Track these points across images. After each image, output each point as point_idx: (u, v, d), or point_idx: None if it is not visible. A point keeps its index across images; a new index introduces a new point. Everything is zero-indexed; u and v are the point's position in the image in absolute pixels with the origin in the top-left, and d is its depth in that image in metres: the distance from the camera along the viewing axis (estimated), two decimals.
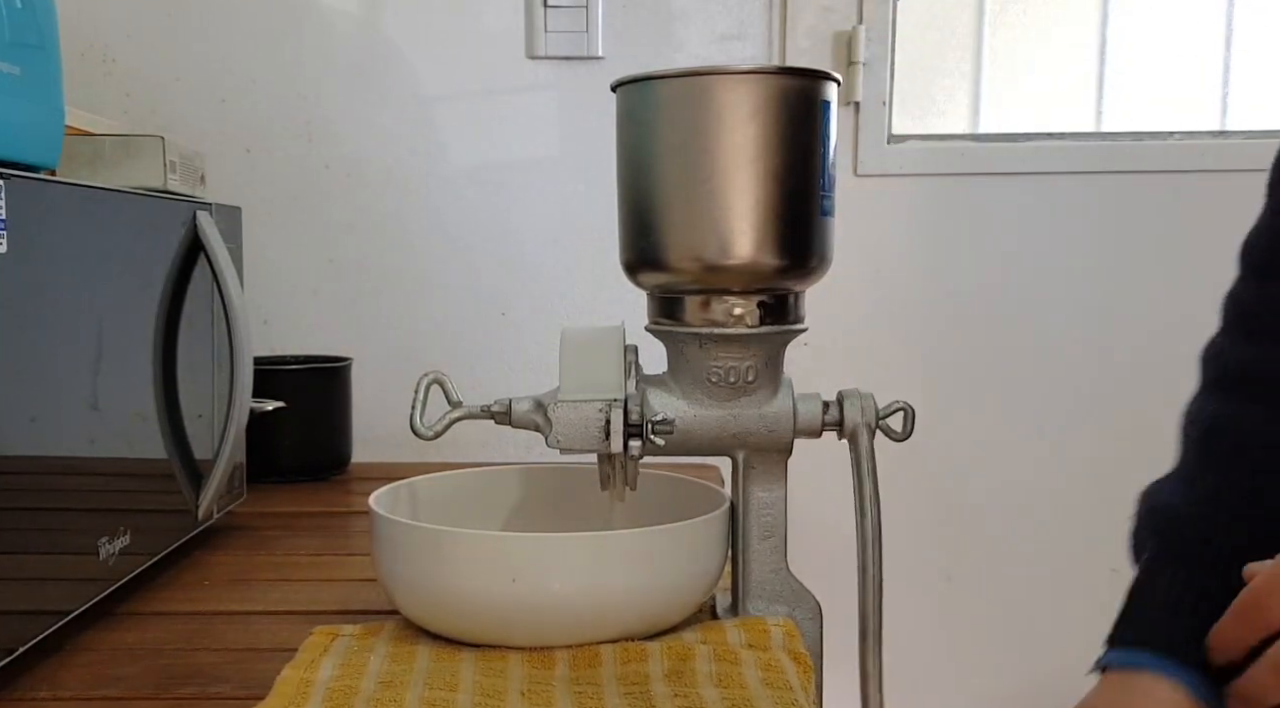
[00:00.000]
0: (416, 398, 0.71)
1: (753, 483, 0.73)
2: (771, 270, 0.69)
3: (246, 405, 0.93)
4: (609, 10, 1.35)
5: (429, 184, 1.38)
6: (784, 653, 0.68)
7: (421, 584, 0.69)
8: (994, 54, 1.43)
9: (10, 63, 0.69)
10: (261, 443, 1.13)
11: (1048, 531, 1.42)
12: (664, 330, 0.72)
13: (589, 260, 1.38)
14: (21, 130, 0.71)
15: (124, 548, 0.78)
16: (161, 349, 0.85)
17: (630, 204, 0.71)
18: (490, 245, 1.39)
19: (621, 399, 0.69)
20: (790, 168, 0.68)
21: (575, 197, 1.38)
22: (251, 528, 1.04)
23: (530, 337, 1.39)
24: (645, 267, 0.71)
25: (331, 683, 0.63)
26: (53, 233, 0.69)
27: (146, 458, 0.84)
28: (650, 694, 0.61)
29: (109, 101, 1.33)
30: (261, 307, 1.35)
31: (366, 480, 0.91)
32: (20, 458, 0.66)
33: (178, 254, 0.88)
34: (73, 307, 0.72)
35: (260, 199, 1.34)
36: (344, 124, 1.37)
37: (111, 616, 0.79)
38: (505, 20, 1.36)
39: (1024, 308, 1.40)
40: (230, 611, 0.81)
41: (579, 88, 1.37)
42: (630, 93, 0.70)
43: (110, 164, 0.92)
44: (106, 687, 0.67)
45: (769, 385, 0.72)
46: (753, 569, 0.74)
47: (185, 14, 1.35)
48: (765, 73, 0.68)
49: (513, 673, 0.65)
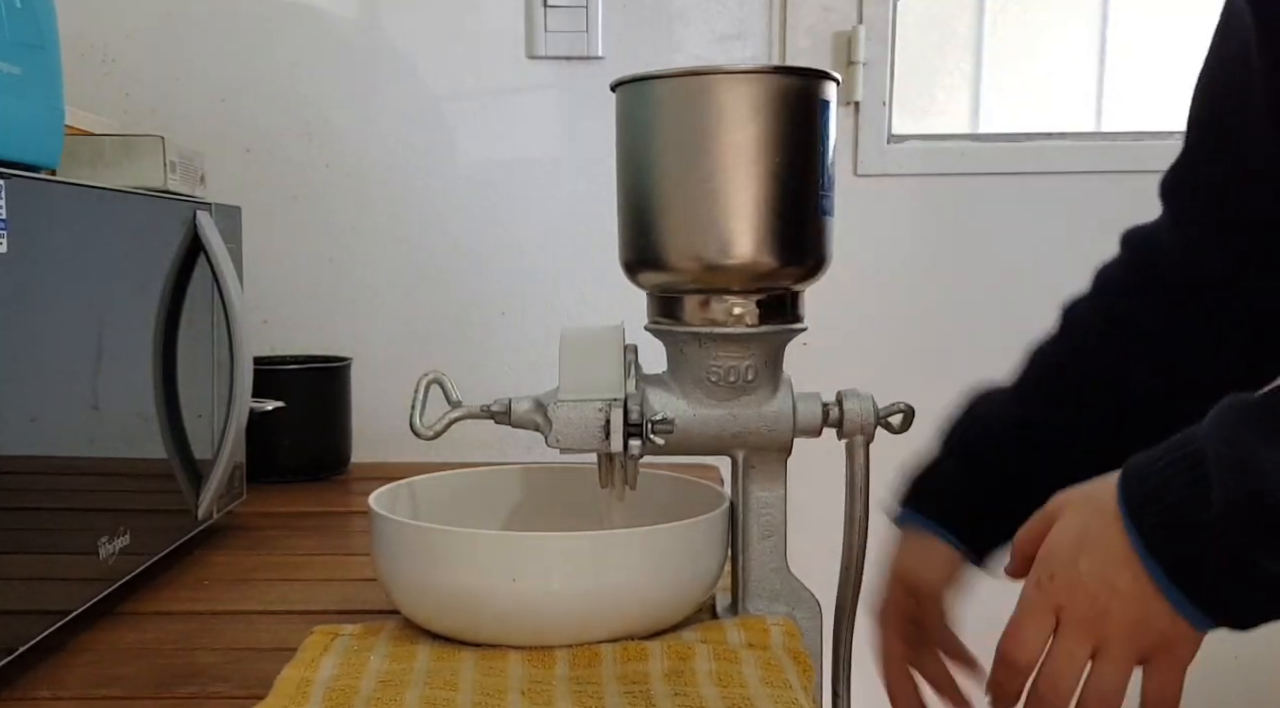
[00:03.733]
0: (416, 398, 0.71)
1: (753, 483, 0.73)
2: (771, 270, 0.69)
3: (246, 405, 0.93)
4: (609, 10, 1.35)
5: (429, 184, 1.38)
6: (784, 652, 0.68)
7: (421, 584, 0.69)
8: (994, 54, 1.43)
9: (10, 63, 0.69)
10: (261, 443, 1.13)
11: None
12: (664, 330, 0.72)
13: (589, 260, 1.38)
14: (21, 130, 0.71)
15: (124, 548, 0.78)
16: (161, 349, 0.85)
17: (630, 204, 0.71)
18: (490, 245, 1.39)
19: (621, 399, 0.69)
20: (790, 167, 0.68)
21: (575, 197, 1.38)
22: (251, 528, 1.04)
23: (530, 337, 1.39)
24: (645, 266, 0.71)
25: (331, 683, 0.63)
26: (53, 233, 0.69)
27: (146, 458, 0.84)
28: (650, 694, 0.61)
29: (109, 101, 1.33)
30: (261, 307, 1.35)
31: (366, 480, 0.91)
32: (20, 458, 0.66)
33: (178, 254, 0.88)
34: (73, 307, 0.72)
35: (260, 199, 1.33)
36: (344, 124, 1.37)
37: (111, 615, 0.79)
38: (505, 20, 1.36)
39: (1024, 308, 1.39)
40: (230, 610, 0.81)
41: (579, 88, 1.37)
42: (630, 93, 0.70)
43: (110, 164, 0.92)
44: (106, 687, 0.67)
45: (769, 385, 0.72)
46: (753, 569, 0.74)
47: (185, 14, 1.35)
48: (765, 72, 0.68)
49: (513, 672, 0.65)
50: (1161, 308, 0.77)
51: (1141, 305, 0.78)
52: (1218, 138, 0.73)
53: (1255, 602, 0.60)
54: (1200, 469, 0.58)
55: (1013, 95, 1.43)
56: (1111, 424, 0.77)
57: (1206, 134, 0.74)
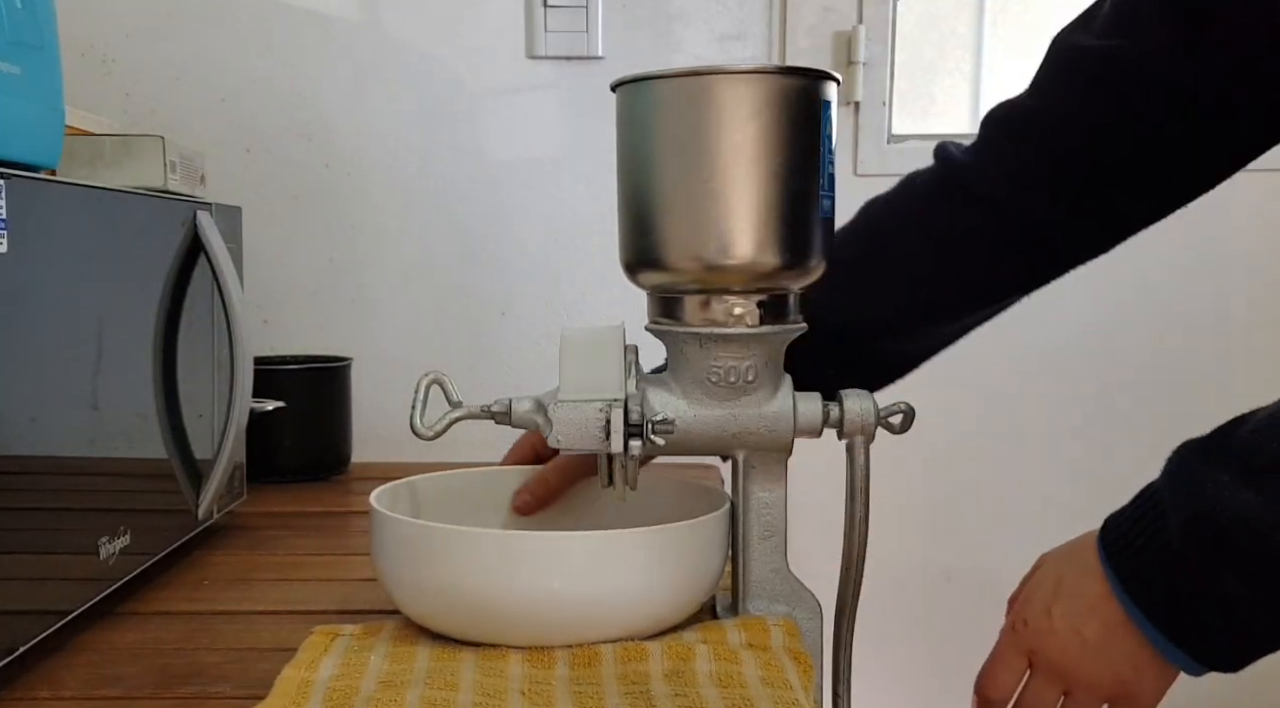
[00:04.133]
0: (416, 398, 0.71)
1: (753, 483, 0.73)
2: (771, 270, 0.69)
3: (246, 405, 0.93)
4: (609, 10, 1.35)
5: (429, 184, 1.38)
6: (784, 653, 0.68)
7: (421, 583, 0.69)
8: (994, 54, 1.43)
9: (10, 63, 0.69)
10: (261, 443, 1.13)
11: (1048, 531, 1.41)
12: (664, 330, 0.72)
13: (589, 260, 1.38)
14: (21, 130, 0.71)
15: (124, 548, 0.78)
16: (161, 349, 0.85)
17: (630, 204, 0.71)
18: (490, 245, 1.39)
19: (621, 399, 0.68)
20: (790, 168, 0.68)
21: (575, 196, 1.38)
22: (251, 528, 1.04)
23: (530, 337, 1.39)
24: (645, 266, 0.71)
25: (332, 683, 0.63)
26: (53, 233, 0.69)
27: (146, 458, 0.84)
28: (650, 694, 0.61)
29: (109, 101, 1.33)
30: (261, 307, 1.35)
31: (366, 480, 0.91)
32: (20, 458, 0.66)
33: (178, 254, 0.88)
34: (73, 307, 0.72)
35: (260, 199, 1.34)
36: (344, 124, 1.37)
37: (111, 615, 0.79)
38: (505, 20, 1.36)
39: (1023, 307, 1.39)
40: (230, 610, 0.81)
41: (579, 88, 1.37)
42: (630, 93, 0.70)
43: (110, 164, 0.92)
44: (106, 687, 0.67)
45: (769, 385, 0.72)
46: (753, 569, 0.74)
47: (185, 14, 1.35)
48: (765, 72, 0.68)
49: (512, 673, 0.65)
50: (961, 217, 0.81)
51: (943, 211, 0.82)
52: (1063, 88, 0.79)
53: (1235, 634, 0.63)
54: (1159, 509, 0.63)
55: (1013, 95, 1.43)
56: None
57: (1051, 81, 0.80)
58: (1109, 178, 0.78)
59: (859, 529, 0.73)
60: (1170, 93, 0.73)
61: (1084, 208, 0.79)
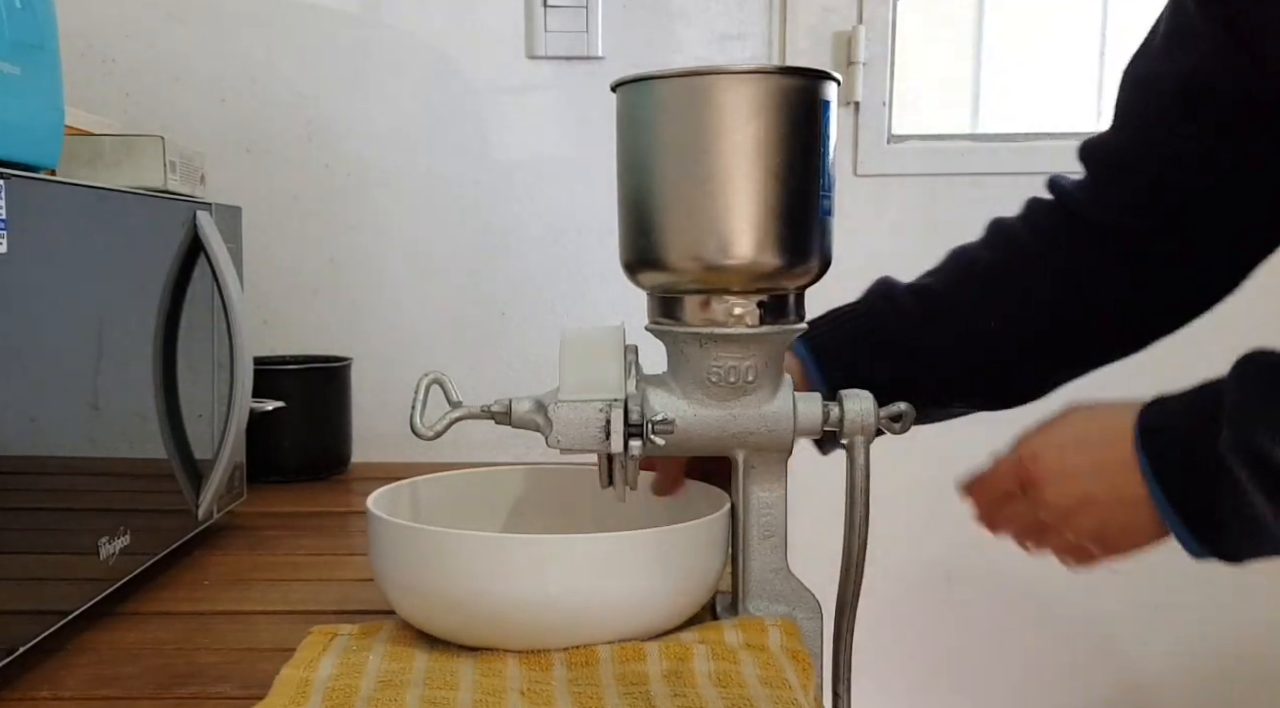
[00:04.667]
0: (416, 398, 0.71)
1: (753, 483, 0.73)
2: (771, 270, 0.69)
3: (246, 405, 0.93)
4: (609, 10, 1.35)
5: (429, 184, 1.38)
6: (783, 652, 0.67)
7: (418, 587, 0.69)
8: (994, 54, 1.43)
9: (10, 63, 0.69)
10: (261, 443, 1.13)
11: None
12: (664, 330, 0.72)
13: (589, 260, 1.38)
14: (21, 130, 0.71)
15: (124, 548, 0.78)
16: (161, 349, 0.85)
17: (630, 204, 0.71)
18: (490, 245, 1.38)
19: (621, 399, 0.68)
20: (790, 168, 0.68)
21: (575, 196, 1.38)
22: (251, 528, 1.04)
23: (530, 337, 1.39)
24: (645, 266, 0.71)
25: (331, 683, 0.63)
26: (53, 233, 0.69)
27: (146, 458, 0.84)
28: (649, 694, 0.61)
29: (109, 101, 1.33)
30: (261, 307, 1.35)
31: (366, 480, 0.91)
32: (20, 458, 0.66)
33: (178, 254, 0.88)
34: (73, 307, 0.72)
35: (260, 199, 1.33)
36: (344, 124, 1.37)
37: (111, 616, 0.79)
38: (505, 20, 1.36)
39: None
40: (230, 610, 0.81)
41: (579, 88, 1.37)
42: (630, 93, 0.70)
43: (110, 164, 0.92)
44: (106, 687, 0.67)
45: (769, 385, 0.72)
46: (753, 569, 0.74)
47: (185, 14, 1.35)
48: (765, 72, 0.68)
49: (511, 673, 0.64)
50: (1082, 244, 0.82)
51: (1065, 240, 0.83)
52: (1140, 120, 0.80)
53: (1252, 538, 0.65)
54: (1216, 412, 0.63)
55: (1013, 95, 1.43)
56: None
57: (1128, 114, 0.81)
58: (1211, 201, 0.77)
59: (859, 529, 0.73)
60: (1234, 104, 0.72)
61: (1195, 235, 0.78)
